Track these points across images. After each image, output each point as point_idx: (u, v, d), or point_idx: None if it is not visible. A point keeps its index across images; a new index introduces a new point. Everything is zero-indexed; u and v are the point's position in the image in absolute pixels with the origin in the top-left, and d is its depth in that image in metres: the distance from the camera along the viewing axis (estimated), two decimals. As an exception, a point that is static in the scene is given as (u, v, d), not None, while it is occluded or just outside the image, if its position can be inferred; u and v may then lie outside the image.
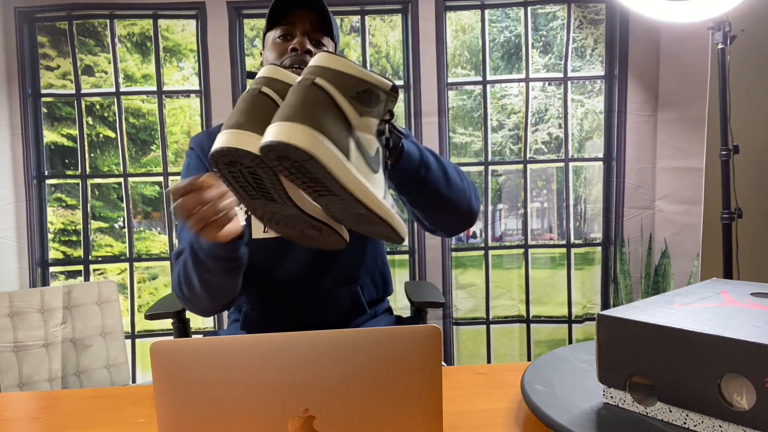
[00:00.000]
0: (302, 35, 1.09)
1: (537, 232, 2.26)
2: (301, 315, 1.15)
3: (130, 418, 0.76)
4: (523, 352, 2.27)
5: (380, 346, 0.52)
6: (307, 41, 1.09)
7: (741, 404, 0.55)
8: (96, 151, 2.15)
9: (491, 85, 2.20)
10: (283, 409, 0.50)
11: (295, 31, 1.10)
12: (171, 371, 0.50)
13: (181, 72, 2.16)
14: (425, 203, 0.96)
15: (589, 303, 2.25)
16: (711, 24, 1.96)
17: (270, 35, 1.14)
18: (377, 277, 1.23)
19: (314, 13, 1.10)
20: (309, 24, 1.10)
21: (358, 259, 1.19)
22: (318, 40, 1.12)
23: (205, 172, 1.13)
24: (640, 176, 2.22)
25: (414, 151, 0.89)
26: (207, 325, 2.19)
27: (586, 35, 2.19)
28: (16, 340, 1.82)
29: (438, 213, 0.99)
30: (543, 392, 0.68)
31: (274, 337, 0.51)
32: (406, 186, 0.91)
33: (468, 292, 2.26)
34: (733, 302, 0.68)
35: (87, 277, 2.17)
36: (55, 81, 2.11)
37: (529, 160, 2.23)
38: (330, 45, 1.14)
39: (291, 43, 1.09)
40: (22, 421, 0.79)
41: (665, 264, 2.23)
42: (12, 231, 2.11)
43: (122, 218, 2.17)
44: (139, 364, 2.19)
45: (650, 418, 0.62)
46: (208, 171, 1.13)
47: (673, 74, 2.17)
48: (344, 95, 0.63)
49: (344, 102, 0.64)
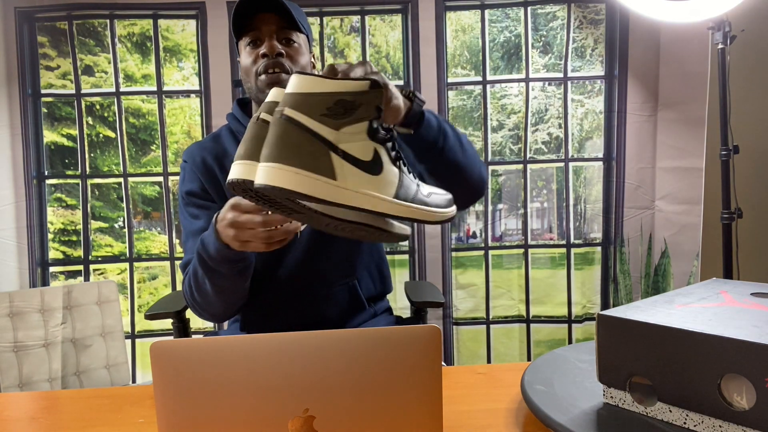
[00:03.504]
0: (270, 38, 1.10)
1: (537, 232, 2.26)
2: (301, 313, 1.15)
3: (130, 418, 0.76)
4: (523, 352, 2.27)
5: (380, 346, 0.52)
6: (276, 43, 1.10)
7: (741, 404, 0.55)
8: (96, 151, 2.15)
9: (491, 85, 2.21)
10: (283, 409, 0.50)
11: (263, 36, 1.11)
12: (171, 371, 0.50)
13: (181, 72, 2.16)
14: (444, 172, 0.96)
15: (589, 303, 2.25)
16: (711, 24, 1.96)
17: (241, 43, 1.15)
18: (374, 271, 1.24)
19: (278, 12, 1.10)
20: (274, 25, 1.10)
21: (354, 253, 1.19)
22: (287, 38, 1.12)
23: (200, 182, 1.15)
24: (640, 176, 2.22)
25: (432, 119, 0.91)
26: (207, 325, 2.19)
27: (586, 35, 2.19)
28: (16, 340, 1.82)
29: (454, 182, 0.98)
30: (543, 392, 0.68)
31: (274, 337, 0.51)
32: (426, 153, 0.93)
33: (468, 292, 2.26)
34: (733, 302, 0.68)
35: (87, 277, 2.17)
36: (55, 81, 2.11)
37: (529, 160, 2.23)
38: (300, 38, 1.14)
39: (260, 48, 1.10)
40: (22, 421, 0.79)
41: (665, 264, 2.23)
42: (12, 231, 2.11)
43: (122, 218, 2.17)
44: (139, 364, 2.19)
45: (650, 418, 0.62)
46: (202, 182, 1.14)
47: (673, 74, 2.17)
48: (313, 117, 0.65)
49: (315, 124, 0.65)
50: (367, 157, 0.67)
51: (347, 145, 0.66)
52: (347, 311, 1.18)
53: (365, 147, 0.67)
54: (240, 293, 1.07)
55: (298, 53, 1.13)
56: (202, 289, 1.03)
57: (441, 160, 0.94)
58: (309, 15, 2.15)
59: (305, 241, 1.13)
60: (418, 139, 0.89)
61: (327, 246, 1.14)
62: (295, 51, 1.13)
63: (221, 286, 1.01)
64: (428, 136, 0.90)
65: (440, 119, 0.93)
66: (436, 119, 0.92)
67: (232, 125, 1.22)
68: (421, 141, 0.89)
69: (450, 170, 0.96)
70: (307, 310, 1.16)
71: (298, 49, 1.13)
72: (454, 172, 0.97)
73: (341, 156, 0.65)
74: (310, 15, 2.15)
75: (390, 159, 0.69)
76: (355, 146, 0.66)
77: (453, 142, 0.95)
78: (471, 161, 0.99)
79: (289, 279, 1.14)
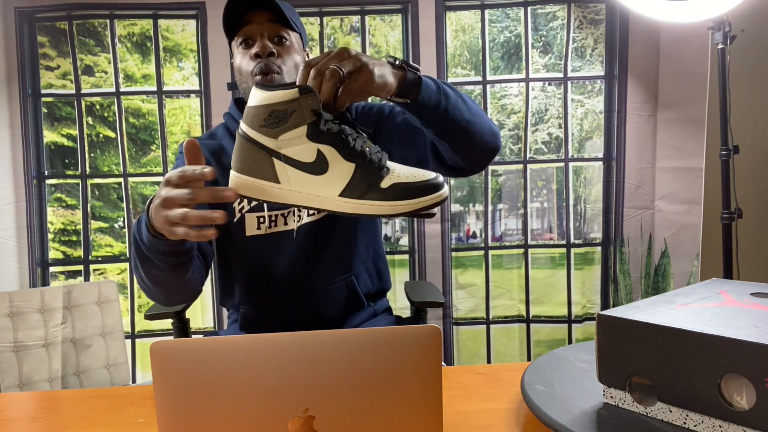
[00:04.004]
0: (261, 37, 1.10)
1: (537, 232, 2.26)
2: (300, 311, 1.15)
3: (130, 418, 0.76)
4: (523, 352, 2.27)
5: (380, 346, 0.52)
6: (267, 42, 1.09)
7: (741, 404, 0.55)
8: (96, 151, 2.15)
9: (491, 85, 2.20)
10: (283, 409, 0.50)
11: (255, 35, 1.10)
12: (171, 371, 0.50)
13: (181, 72, 2.16)
14: (452, 133, 0.96)
15: (589, 303, 2.25)
16: (711, 24, 1.96)
17: (234, 44, 1.15)
18: (371, 267, 1.23)
19: (269, 10, 1.10)
20: (266, 23, 1.10)
21: (351, 248, 1.19)
22: (280, 36, 1.12)
23: None
24: (640, 176, 2.22)
25: (430, 83, 0.90)
26: (207, 325, 2.19)
27: (586, 35, 2.19)
28: (16, 340, 1.82)
29: (466, 141, 0.99)
30: (543, 392, 0.68)
31: (274, 337, 0.51)
32: (431, 118, 0.92)
33: (468, 292, 2.26)
34: (733, 302, 0.68)
35: (87, 277, 2.17)
36: (55, 81, 2.11)
37: (529, 160, 2.23)
38: (292, 36, 1.14)
39: (253, 48, 1.09)
40: (22, 421, 0.79)
41: (665, 264, 2.23)
42: (12, 231, 2.11)
43: (122, 218, 2.17)
44: (139, 364, 2.19)
45: (650, 418, 0.62)
46: None
47: (673, 74, 2.17)
48: (254, 129, 0.71)
49: (256, 134, 0.71)
50: (309, 159, 0.70)
51: (289, 150, 0.71)
52: (346, 308, 1.18)
53: (306, 150, 0.70)
54: (178, 287, 0.99)
55: (291, 51, 1.13)
56: (139, 273, 0.95)
57: (447, 120, 0.93)
58: (309, 15, 2.15)
59: (301, 238, 1.13)
60: (420, 105, 0.88)
61: (323, 242, 1.14)
62: (287, 49, 1.12)
63: (155, 275, 0.93)
64: (429, 100, 0.89)
65: (439, 82, 0.92)
66: (435, 82, 0.91)
67: (229, 124, 1.22)
68: (423, 107, 0.89)
69: (460, 130, 0.96)
70: (305, 308, 1.15)
71: (290, 48, 1.13)
72: (464, 132, 0.96)
73: (283, 161, 0.71)
74: (310, 15, 2.15)
75: (344, 155, 0.70)
76: (296, 150, 0.70)
77: (455, 100, 0.94)
78: (478, 117, 0.98)
79: (287, 276, 1.14)
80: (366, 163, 0.70)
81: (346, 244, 1.18)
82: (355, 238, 1.19)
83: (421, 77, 0.87)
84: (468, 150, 1.01)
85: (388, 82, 0.81)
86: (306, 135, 0.70)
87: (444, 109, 0.91)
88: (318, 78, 0.73)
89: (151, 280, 0.95)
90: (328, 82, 0.72)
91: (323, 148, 0.70)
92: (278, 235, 1.13)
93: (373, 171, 0.70)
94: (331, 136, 0.70)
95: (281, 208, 1.13)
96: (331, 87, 0.72)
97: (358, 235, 1.20)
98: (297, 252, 1.13)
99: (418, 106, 0.88)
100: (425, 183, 0.70)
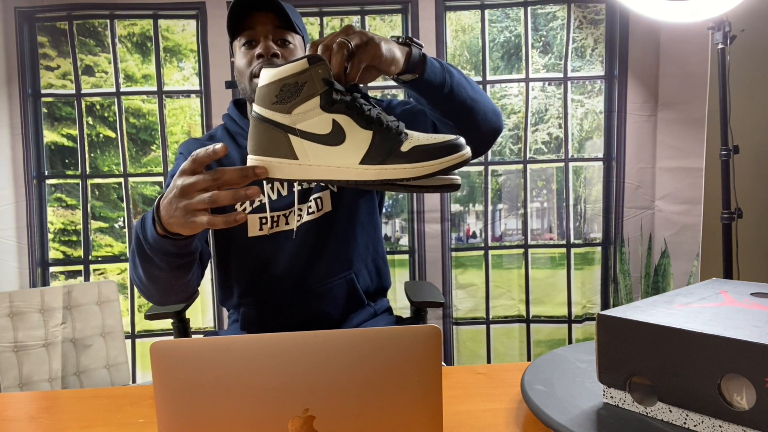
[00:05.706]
0: (265, 39, 1.09)
1: (537, 232, 2.26)
2: (300, 310, 1.15)
3: (130, 418, 0.76)
4: (523, 352, 2.27)
5: (380, 346, 0.52)
6: (271, 44, 1.09)
7: (741, 404, 0.55)
8: (96, 151, 2.15)
9: (491, 85, 2.20)
10: (283, 409, 0.50)
11: (258, 36, 1.10)
12: (171, 371, 0.50)
13: (182, 72, 2.16)
14: (458, 110, 0.96)
15: (589, 303, 2.25)
16: (711, 24, 1.96)
17: (236, 44, 1.14)
18: (370, 264, 1.23)
19: (274, 12, 1.10)
20: (270, 25, 1.10)
21: (350, 245, 1.19)
22: (283, 38, 1.12)
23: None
24: (640, 176, 2.22)
25: (434, 62, 0.90)
26: (207, 325, 2.19)
27: (586, 35, 2.19)
28: (16, 340, 1.82)
29: (471, 119, 0.99)
30: (543, 392, 0.68)
31: (274, 337, 0.51)
32: (436, 96, 0.93)
33: (468, 292, 2.26)
34: (733, 302, 0.68)
35: (87, 277, 2.17)
36: (55, 81, 2.11)
37: (529, 160, 2.23)
38: (296, 39, 1.14)
39: (256, 49, 1.09)
40: (22, 421, 0.79)
41: (665, 264, 2.23)
42: (12, 231, 2.11)
43: (122, 218, 2.17)
44: (139, 364, 2.19)
45: (650, 418, 0.62)
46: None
47: (673, 74, 2.17)
48: (267, 107, 0.70)
49: (269, 113, 0.70)
50: (325, 131, 0.69)
51: (304, 123, 0.69)
52: (346, 307, 1.18)
53: (321, 121, 0.69)
54: (176, 288, 0.97)
55: (294, 54, 1.13)
56: (137, 272, 0.94)
57: (452, 99, 0.93)
58: (309, 15, 2.15)
59: (301, 237, 1.13)
60: (426, 83, 0.88)
61: (322, 240, 1.15)
62: (290, 52, 1.12)
63: (155, 275, 0.92)
64: (434, 78, 0.89)
65: (441, 61, 0.93)
66: (438, 61, 0.92)
67: (229, 125, 1.22)
68: (429, 85, 0.89)
69: (465, 108, 0.96)
70: (306, 306, 1.15)
71: (294, 50, 1.13)
72: (469, 110, 0.97)
73: (299, 136, 0.69)
74: (310, 15, 2.15)
75: (360, 123, 0.69)
76: (311, 123, 0.69)
77: (459, 78, 0.95)
78: (481, 95, 1.00)
79: (287, 275, 1.14)
80: (384, 130, 0.69)
81: (346, 241, 1.18)
82: (354, 235, 1.19)
83: (425, 55, 0.88)
84: (473, 129, 1.00)
85: (396, 56, 0.81)
86: (320, 106, 0.68)
87: (450, 87, 0.92)
88: (326, 53, 0.72)
89: (150, 280, 0.94)
90: (336, 54, 0.71)
91: (338, 117, 0.69)
92: (279, 234, 1.14)
93: (391, 136, 0.69)
94: (345, 105, 0.69)
95: (283, 208, 1.13)
96: (341, 59, 0.71)
97: (357, 233, 1.20)
98: (297, 251, 1.13)
99: (424, 83, 0.88)
100: (447, 143, 0.68)
